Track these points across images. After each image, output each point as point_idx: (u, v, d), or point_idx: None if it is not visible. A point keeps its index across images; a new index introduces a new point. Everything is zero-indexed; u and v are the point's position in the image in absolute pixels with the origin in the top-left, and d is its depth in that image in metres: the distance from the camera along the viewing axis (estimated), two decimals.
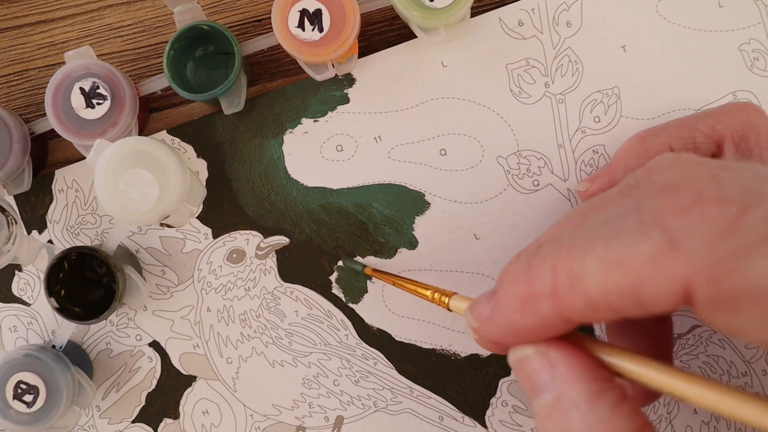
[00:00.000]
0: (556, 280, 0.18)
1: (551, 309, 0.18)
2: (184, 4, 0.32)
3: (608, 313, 0.17)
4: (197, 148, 0.35)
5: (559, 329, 0.19)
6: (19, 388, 0.32)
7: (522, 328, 0.19)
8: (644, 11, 0.34)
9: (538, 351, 0.19)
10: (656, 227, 0.16)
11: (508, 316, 0.19)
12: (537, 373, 0.19)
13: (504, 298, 0.20)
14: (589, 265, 0.17)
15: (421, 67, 0.35)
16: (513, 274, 0.20)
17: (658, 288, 0.16)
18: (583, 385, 0.18)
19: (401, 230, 0.35)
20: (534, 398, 0.19)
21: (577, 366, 0.19)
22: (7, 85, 0.36)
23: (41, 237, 0.35)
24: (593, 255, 0.17)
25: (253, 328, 0.35)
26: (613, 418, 0.17)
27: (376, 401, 0.35)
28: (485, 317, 0.21)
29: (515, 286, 0.19)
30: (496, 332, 0.20)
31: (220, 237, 0.35)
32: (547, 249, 0.19)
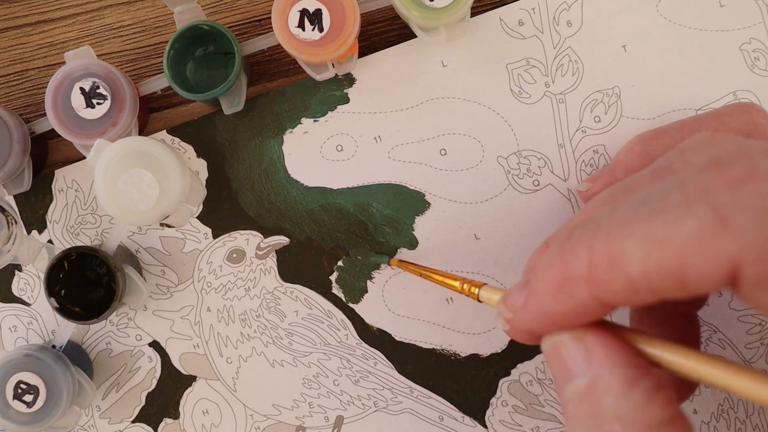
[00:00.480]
0: (594, 262, 0.17)
1: (588, 292, 0.18)
2: (184, 4, 0.32)
3: (648, 295, 0.17)
4: (197, 148, 0.35)
5: (596, 314, 0.19)
6: (19, 388, 0.32)
7: (558, 315, 0.19)
8: (645, 11, 0.34)
9: (575, 336, 0.19)
10: (703, 203, 0.16)
11: (542, 302, 0.19)
12: (572, 359, 0.19)
13: (538, 285, 0.19)
14: (630, 246, 0.16)
15: (421, 67, 0.35)
16: (546, 259, 0.19)
17: (704, 267, 0.15)
18: (619, 371, 0.18)
19: (401, 230, 0.35)
20: (566, 384, 0.19)
21: (614, 351, 0.18)
22: (7, 85, 0.36)
23: (41, 237, 0.35)
24: (634, 235, 0.16)
25: (253, 328, 0.35)
26: (648, 405, 0.17)
27: (376, 401, 0.35)
28: (519, 306, 0.20)
29: (550, 272, 0.19)
30: (531, 321, 0.20)
31: (220, 237, 0.35)
32: (581, 231, 0.18)
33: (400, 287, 0.35)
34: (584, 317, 0.19)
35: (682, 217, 0.16)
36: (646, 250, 0.16)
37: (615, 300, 0.17)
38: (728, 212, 0.15)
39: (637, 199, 0.18)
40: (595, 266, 0.17)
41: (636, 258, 0.16)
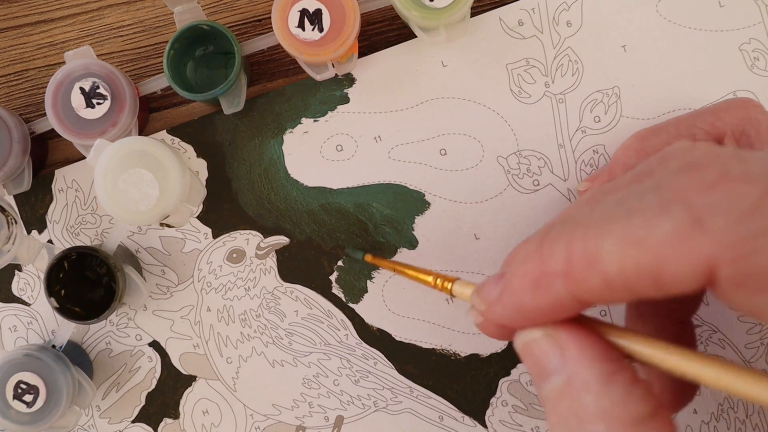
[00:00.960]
0: (571, 258, 0.17)
1: (565, 289, 0.18)
2: (184, 4, 0.32)
3: (624, 294, 0.17)
4: (197, 147, 0.35)
5: (571, 311, 0.19)
6: (19, 388, 0.32)
7: (533, 310, 0.19)
8: (644, 11, 0.34)
9: (547, 333, 0.19)
10: (679, 205, 0.16)
11: (518, 297, 0.19)
12: (546, 356, 0.19)
13: (515, 279, 0.19)
14: (607, 244, 0.17)
15: (421, 67, 0.35)
16: (524, 254, 0.19)
17: (680, 267, 0.16)
18: (595, 366, 0.18)
19: (401, 230, 0.35)
20: (543, 382, 0.19)
21: (588, 347, 0.18)
22: (7, 85, 0.36)
23: (41, 237, 0.35)
24: (611, 233, 0.17)
25: (253, 328, 0.35)
26: (627, 399, 0.17)
27: (376, 401, 0.35)
28: (493, 299, 0.20)
29: (527, 266, 0.19)
30: (505, 315, 0.20)
31: (220, 237, 0.35)
32: (560, 228, 0.18)
33: (400, 287, 0.35)
34: (559, 313, 0.19)
35: (658, 217, 0.16)
36: (623, 249, 0.16)
37: (591, 297, 0.17)
38: (703, 214, 0.16)
39: (615, 200, 0.18)
40: (573, 263, 0.17)
41: (613, 256, 0.16)
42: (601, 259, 0.17)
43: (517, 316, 0.19)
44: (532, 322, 0.19)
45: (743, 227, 0.15)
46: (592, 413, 0.17)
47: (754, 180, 0.16)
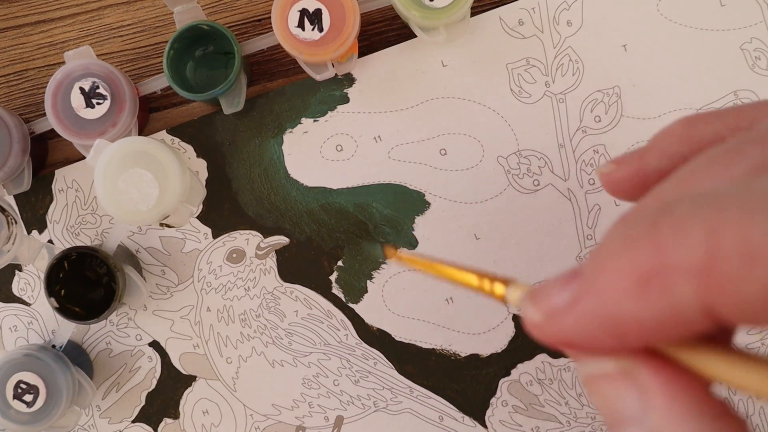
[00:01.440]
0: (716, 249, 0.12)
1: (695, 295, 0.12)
2: (184, 4, 0.32)
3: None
4: (197, 147, 0.35)
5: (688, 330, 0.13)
6: (19, 388, 0.32)
7: (630, 323, 0.13)
8: (645, 10, 0.34)
9: (622, 370, 0.14)
10: None
11: (610, 302, 0.13)
12: (620, 400, 0.14)
13: (606, 276, 0.13)
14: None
15: (421, 67, 0.34)
16: (621, 240, 0.13)
17: None
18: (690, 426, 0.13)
19: (401, 230, 0.35)
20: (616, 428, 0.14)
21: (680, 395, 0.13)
22: (7, 85, 0.36)
23: (41, 237, 0.35)
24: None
25: (253, 328, 0.35)
26: None
27: (376, 401, 0.35)
28: (559, 308, 0.14)
29: (630, 258, 0.13)
30: (580, 328, 0.14)
31: (220, 237, 0.35)
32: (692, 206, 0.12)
33: (400, 287, 0.35)
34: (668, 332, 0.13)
35: None
36: None
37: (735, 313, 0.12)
38: None
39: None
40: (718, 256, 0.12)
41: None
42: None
43: (601, 332, 0.13)
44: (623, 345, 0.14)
45: None
46: None
47: None
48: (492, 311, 0.35)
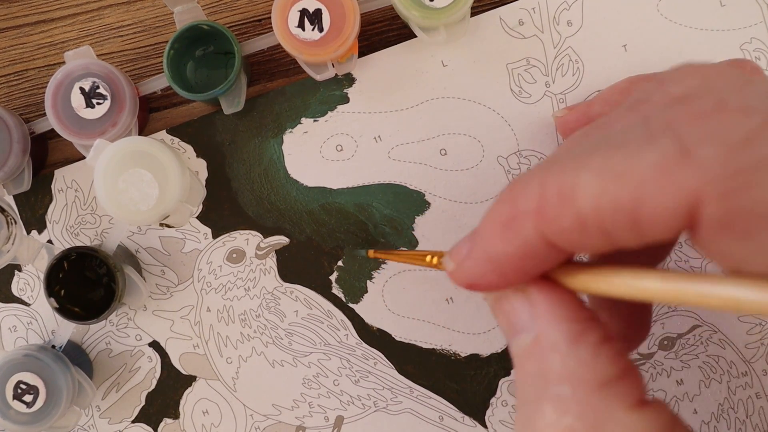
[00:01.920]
0: (544, 195, 0.16)
1: (535, 229, 0.16)
2: (184, 4, 0.32)
3: (597, 237, 0.16)
4: (197, 147, 0.35)
5: (543, 260, 0.17)
6: (19, 388, 0.32)
7: (503, 259, 0.17)
8: (645, 10, 0.34)
9: (518, 289, 0.18)
10: (667, 135, 0.14)
11: (488, 245, 0.18)
12: (515, 312, 0.18)
13: (484, 227, 0.18)
14: (584, 178, 0.15)
15: (421, 67, 0.34)
16: (495, 202, 0.18)
17: (662, 203, 0.14)
18: (563, 326, 0.17)
19: (401, 230, 0.35)
20: (512, 338, 0.18)
21: (559, 305, 0.17)
22: (7, 84, 0.36)
23: (41, 237, 0.35)
24: (590, 167, 0.15)
25: (253, 328, 0.35)
26: (595, 360, 0.16)
27: (376, 401, 0.35)
28: (464, 255, 0.18)
29: (497, 209, 0.17)
30: (475, 269, 0.18)
31: (219, 237, 0.35)
32: (535, 169, 0.17)
33: (400, 287, 0.35)
34: (531, 263, 0.17)
35: (642, 149, 0.15)
36: (600, 183, 0.15)
37: (563, 240, 0.16)
38: (692, 144, 0.14)
39: (602, 136, 0.17)
40: (545, 200, 0.16)
41: (589, 191, 0.15)
42: (576, 194, 0.15)
43: (488, 269, 0.18)
44: (504, 275, 0.18)
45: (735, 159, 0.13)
46: (558, 374, 0.16)
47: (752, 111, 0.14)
48: None
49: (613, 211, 0.15)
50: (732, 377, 0.35)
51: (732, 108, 0.14)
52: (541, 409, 0.16)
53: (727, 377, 0.35)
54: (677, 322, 0.35)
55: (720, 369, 0.35)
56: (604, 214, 0.15)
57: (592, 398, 0.15)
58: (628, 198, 0.14)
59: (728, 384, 0.35)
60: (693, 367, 0.35)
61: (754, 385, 0.35)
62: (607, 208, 0.15)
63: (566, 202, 0.15)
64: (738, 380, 0.35)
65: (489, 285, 0.18)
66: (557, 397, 0.16)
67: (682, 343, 0.35)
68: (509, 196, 0.17)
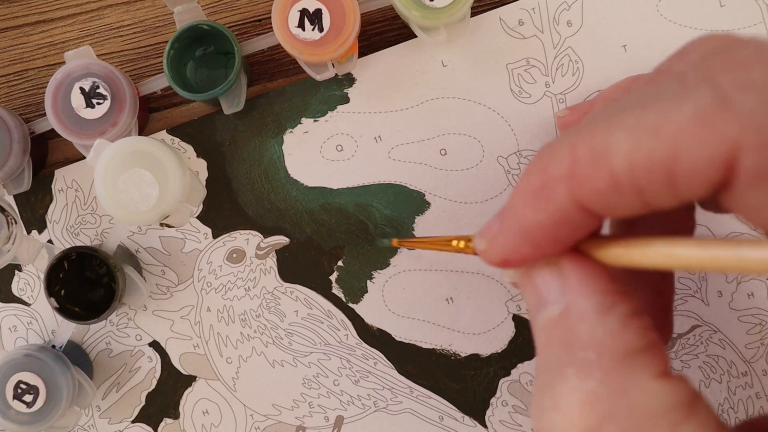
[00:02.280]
0: (576, 158, 0.15)
1: (568, 195, 0.16)
2: (184, 4, 0.32)
3: (632, 197, 0.15)
4: (197, 147, 0.35)
5: (577, 227, 0.17)
6: (19, 388, 0.32)
7: (536, 228, 0.17)
8: (645, 10, 0.34)
9: (549, 262, 0.18)
10: (704, 85, 0.14)
11: (520, 216, 0.17)
12: (546, 285, 0.17)
13: (514, 198, 0.17)
14: (617, 137, 0.15)
15: (421, 67, 0.35)
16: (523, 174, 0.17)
17: (699, 153, 0.13)
18: (594, 297, 0.16)
19: (401, 230, 0.35)
20: (539, 311, 0.18)
21: (590, 277, 0.17)
22: (7, 84, 0.36)
23: (41, 237, 0.35)
24: (623, 125, 0.15)
25: (253, 328, 0.35)
26: (623, 331, 0.16)
27: (376, 401, 0.35)
28: (495, 232, 0.18)
29: (526, 180, 0.17)
30: (508, 243, 0.18)
31: (220, 237, 0.35)
32: (566, 133, 0.17)
33: (400, 287, 0.35)
34: (564, 230, 0.17)
35: (678, 102, 0.14)
36: (634, 140, 0.14)
37: (597, 202, 0.16)
38: (731, 92, 0.13)
39: (631, 98, 0.16)
40: (577, 163, 0.16)
41: (622, 149, 0.15)
42: (609, 153, 0.15)
43: (521, 242, 0.17)
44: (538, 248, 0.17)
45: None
46: (585, 342, 0.16)
47: None
48: (492, 311, 0.35)
49: (649, 168, 0.14)
50: (732, 377, 0.35)
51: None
52: (564, 374, 0.16)
53: (727, 377, 0.35)
54: (677, 322, 0.35)
55: (720, 369, 0.35)
56: (639, 171, 0.14)
57: (617, 365, 0.15)
58: (664, 153, 0.14)
59: (728, 384, 0.35)
60: (693, 367, 0.35)
61: (754, 385, 0.35)
62: (642, 165, 0.14)
63: (599, 162, 0.15)
64: (738, 380, 0.35)
65: (523, 258, 0.18)
66: (581, 362, 0.16)
67: (682, 343, 0.35)
68: (538, 165, 0.17)
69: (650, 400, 0.15)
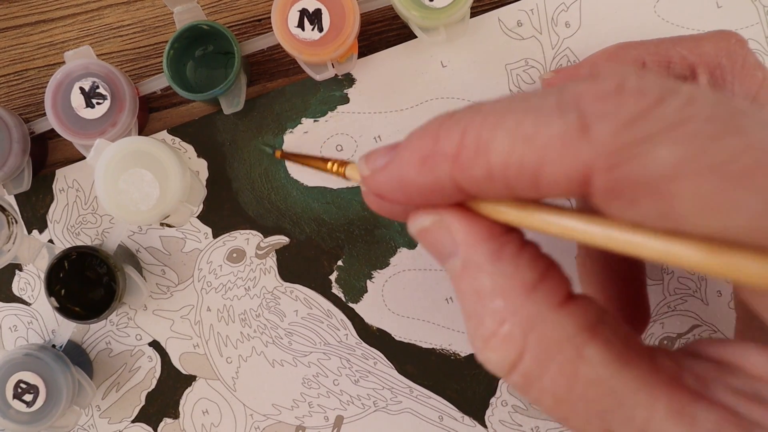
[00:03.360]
0: (464, 143, 0.17)
1: (449, 172, 0.18)
2: (184, 4, 0.32)
3: (500, 188, 0.17)
4: (197, 147, 0.35)
5: (447, 198, 0.19)
6: (19, 388, 0.32)
7: (413, 186, 0.19)
8: (642, 11, 0.34)
9: (435, 220, 0.19)
10: (573, 109, 0.16)
11: (403, 169, 0.19)
12: (439, 242, 0.19)
13: (404, 152, 0.19)
14: (499, 136, 0.17)
15: (421, 67, 0.35)
16: (420, 130, 0.19)
17: (559, 169, 0.16)
18: (483, 246, 0.18)
19: (401, 230, 0.35)
20: (444, 263, 0.19)
21: (473, 228, 0.19)
22: (7, 84, 0.36)
23: (42, 236, 0.35)
24: (505, 126, 0.17)
25: (253, 328, 0.35)
26: (516, 270, 0.18)
27: (376, 401, 0.35)
28: (378, 167, 0.20)
29: (420, 142, 0.19)
30: (386, 184, 0.20)
31: (220, 236, 0.35)
32: (462, 114, 0.18)
33: (400, 287, 0.35)
34: (435, 196, 0.19)
35: (551, 118, 0.16)
36: (511, 144, 0.16)
37: (471, 186, 0.18)
38: (591, 120, 0.16)
39: (523, 96, 0.18)
40: (464, 148, 0.17)
41: (501, 149, 0.17)
42: (490, 149, 0.17)
43: (397, 188, 0.19)
44: (411, 199, 0.20)
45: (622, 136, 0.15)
46: (489, 290, 0.18)
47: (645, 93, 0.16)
48: None
49: (518, 169, 0.16)
50: None
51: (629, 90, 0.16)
52: (483, 322, 0.18)
53: None
54: (677, 322, 0.35)
55: None
56: (510, 170, 0.17)
57: (523, 304, 0.17)
58: (532, 160, 0.16)
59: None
60: None
61: None
62: (513, 165, 0.17)
63: (480, 154, 0.17)
64: None
65: (395, 201, 0.20)
66: (493, 311, 0.18)
67: (682, 343, 0.35)
68: (435, 133, 0.18)
69: (554, 330, 0.17)
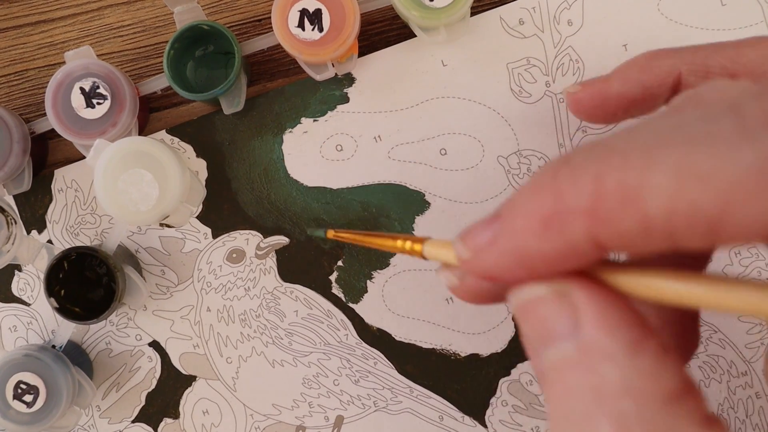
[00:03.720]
0: (601, 193, 0.14)
1: (585, 231, 0.14)
2: (184, 4, 0.32)
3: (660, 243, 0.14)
4: (197, 147, 0.35)
5: (583, 260, 0.15)
6: (19, 388, 0.32)
7: (537, 257, 0.15)
8: (646, 9, 0.34)
9: (556, 291, 0.15)
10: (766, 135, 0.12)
11: (520, 239, 0.15)
12: (554, 318, 0.15)
13: (516, 219, 0.15)
14: (657, 177, 0.13)
15: (421, 67, 0.34)
16: (531, 188, 0.15)
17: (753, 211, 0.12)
18: (619, 333, 0.14)
19: (401, 230, 0.35)
20: (546, 348, 0.15)
21: (609, 309, 0.15)
22: (7, 84, 0.36)
23: (41, 237, 0.35)
24: (664, 163, 0.13)
25: (253, 328, 0.35)
26: (659, 372, 0.14)
27: (376, 401, 0.35)
28: (483, 245, 0.16)
29: (535, 202, 0.15)
30: (498, 262, 0.16)
31: (219, 237, 0.35)
32: (584, 156, 0.14)
33: (400, 287, 0.35)
34: (568, 263, 0.15)
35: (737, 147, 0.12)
36: (678, 185, 0.13)
37: (618, 243, 0.14)
38: None
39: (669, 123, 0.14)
40: (603, 199, 0.14)
41: (662, 193, 0.13)
42: (645, 195, 0.13)
43: (514, 264, 0.16)
44: (533, 273, 0.16)
45: None
46: (617, 387, 0.14)
47: None
48: (492, 311, 0.35)
49: (689, 217, 0.13)
50: (732, 377, 0.35)
51: None
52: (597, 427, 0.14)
53: (727, 377, 0.35)
54: None
55: (720, 369, 0.35)
56: (678, 219, 0.13)
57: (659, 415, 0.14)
58: (711, 204, 0.13)
59: (728, 384, 0.35)
60: (693, 367, 0.35)
61: (754, 385, 0.35)
62: (682, 213, 0.13)
63: (630, 203, 0.13)
64: (738, 380, 0.35)
65: (513, 279, 0.16)
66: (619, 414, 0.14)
67: None
68: (553, 187, 0.15)
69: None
